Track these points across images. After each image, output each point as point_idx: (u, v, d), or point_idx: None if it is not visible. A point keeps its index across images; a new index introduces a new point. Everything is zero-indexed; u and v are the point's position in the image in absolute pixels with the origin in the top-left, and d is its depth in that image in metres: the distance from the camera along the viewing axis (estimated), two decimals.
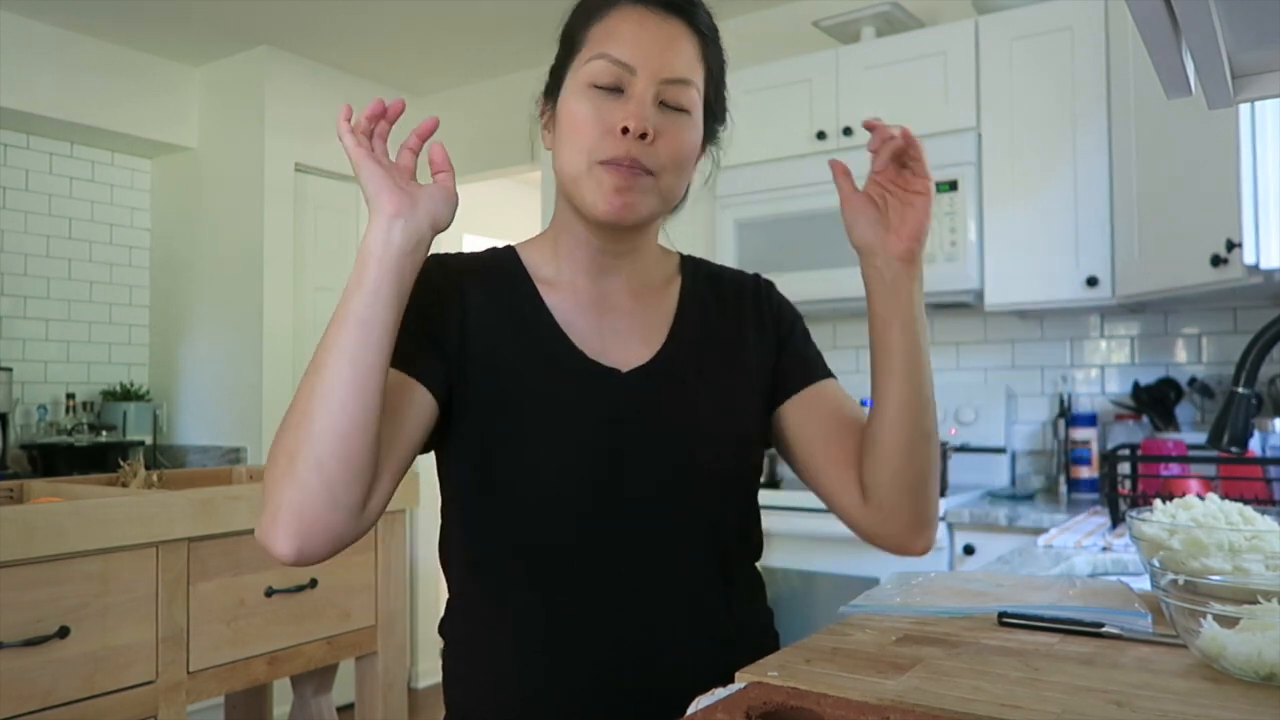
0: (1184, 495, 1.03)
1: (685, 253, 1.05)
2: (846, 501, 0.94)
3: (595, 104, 0.86)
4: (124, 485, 2.07)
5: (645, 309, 0.96)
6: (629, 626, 0.86)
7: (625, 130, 0.84)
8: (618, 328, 0.94)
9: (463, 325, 0.89)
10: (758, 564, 1.00)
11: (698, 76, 0.89)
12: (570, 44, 0.92)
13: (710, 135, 0.97)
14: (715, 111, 0.95)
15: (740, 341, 0.98)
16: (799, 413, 0.97)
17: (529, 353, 0.90)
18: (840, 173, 0.91)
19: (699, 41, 0.90)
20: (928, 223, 0.87)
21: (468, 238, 4.70)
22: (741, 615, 0.94)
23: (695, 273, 1.02)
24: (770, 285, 1.05)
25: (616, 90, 0.86)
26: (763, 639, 0.96)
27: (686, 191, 1.00)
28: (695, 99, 0.89)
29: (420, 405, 0.85)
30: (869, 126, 0.89)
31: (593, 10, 0.90)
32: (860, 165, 0.88)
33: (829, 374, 1.00)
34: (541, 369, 0.89)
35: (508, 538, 0.87)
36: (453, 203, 0.83)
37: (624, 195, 0.85)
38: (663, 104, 0.87)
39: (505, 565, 0.88)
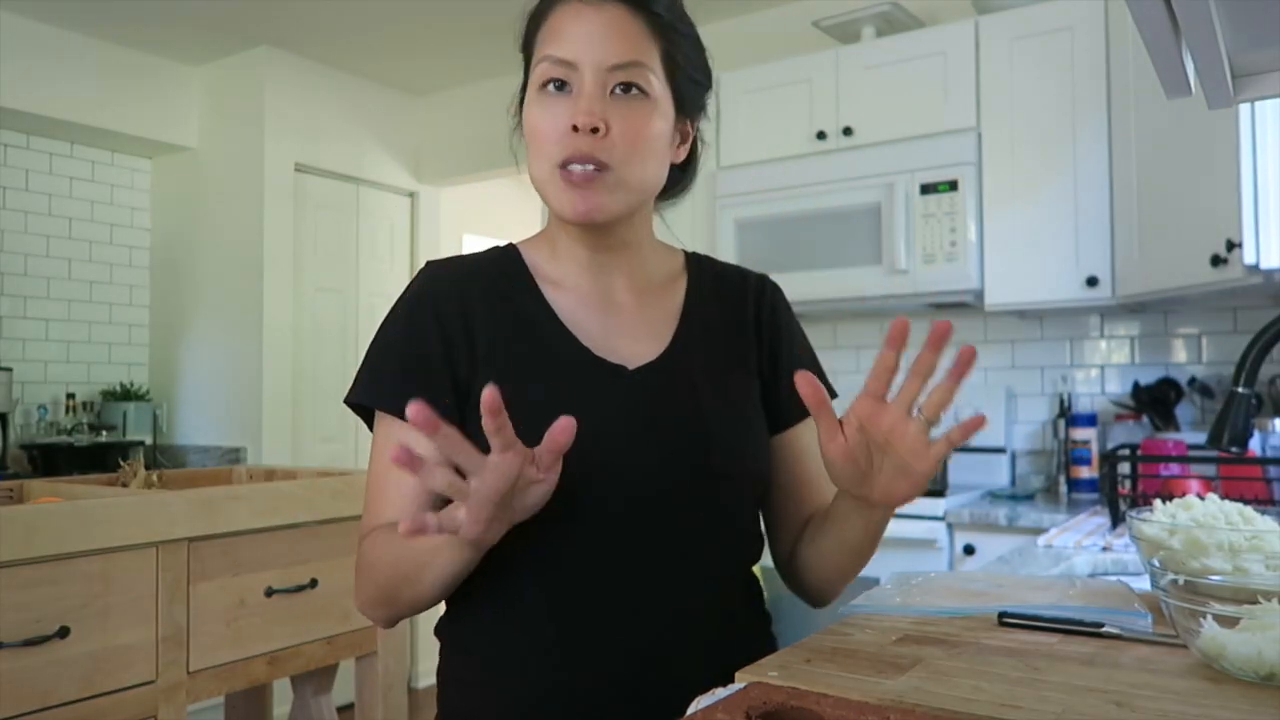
0: (1184, 495, 1.03)
1: (690, 250, 1.04)
2: (777, 550, 1.02)
3: (547, 107, 0.86)
4: (124, 485, 2.07)
5: (649, 307, 0.95)
6: (629, 627, 0.86)
7: (576, 128, 0.83)
8: (623, 325, 0.93)
9: (470, 336, 0.89)
10: (756, 567, 1.00)
11: (648, 56, 0.87)
12: (527, 55, 0.92)
13: (694, 106, 0.94)
14: (692, 83, 0.93)
15: (745, 342, 0.97)
16: (780, 451, 0.98)
17: (534, 351, 0.89)
18: (816, 404, 0.76)
19: (645, 18, 0.87)
20: (922, 490, 0.77)
21: (468, 238, 4.71)
22: (740, 618, 0.94)
23: (701, 271, 1.01)
24: (776, 290, 1.03)
25: (567, 87, 0.86)
26: (760, 642, 0.96)
27: (691, 173, 0.99)
28: (649, 78, 0.87)
29: None
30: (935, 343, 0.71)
31: (538, 16, 0.90)
32: (859, 165, 0.87)
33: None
34: (547, 366, 0.88)
35: (510, 538, 0.86)
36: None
37: (587, 199, 0.85)
38: (616, 90, 0.86)
39: (507, 565, 0.87)
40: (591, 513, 0.86)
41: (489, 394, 0.67)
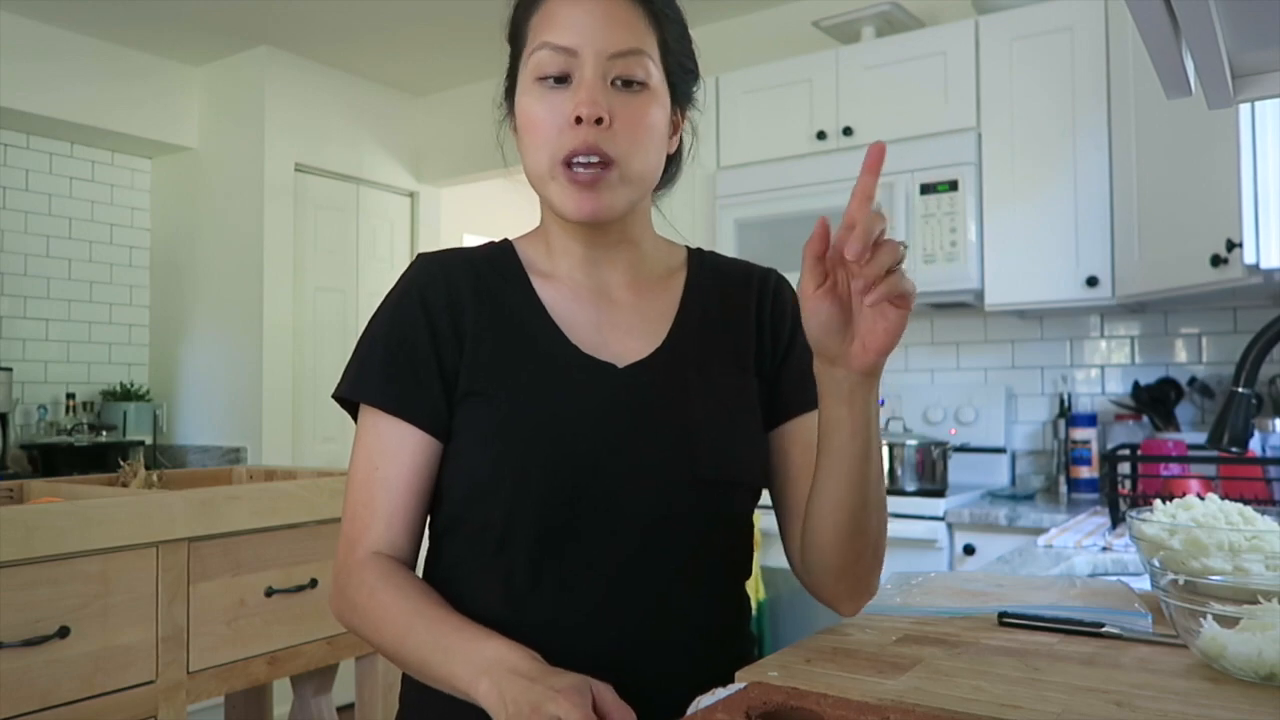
0: (1184, 495, 1.03)
1: (694, 246, 1.02)
2: (790, 548, 0.92)
3: (546, 98, 0.84)
4: (124, 485, 2.07)
5: (646, 302, 0.93)
6: (607, 635, 0.83)
7: (580, 119, 0.82)
8: (616, 321, 0.91)
9: (457, 328, 0.87)
10: (756, 567, 0.98)
11: (648, 44, 0.86)
12: (516, 41, 0.90)
13: (685, 97, 0.93)
14: (684, 71, 0.92)
15: (746, 340, 0.94)
16: (784, 441, 0.93)
17: (521, 345, 0.88)
18: (808, 258, 0.74)
19: (643, 8, 0.87)
20: (900, 335, 0.73)
21: (468, 237, 4.71)
22: (720, 631, 0.90)
23: (702, 266, 0.98)
24: (782, 282, 0.99)
25: (565, 79, 0.84)
26: (742, 652, 0.92)
27: (677, 165, 0.98)
28: (650, 68, 0.86)
29: (429, 449, 0.86)
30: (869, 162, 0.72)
31: (530, 1, 0.88)
32: (859, 165, 0.83)
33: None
34: (532, 363, 0.87)
35: (490, 536, 0.85)
36: None
37: (592, 200, 0.83)
38: (616, 82, 0.84)
39: (488, 565, 0.85)
40: (572, 512, 0.83)
41: None
